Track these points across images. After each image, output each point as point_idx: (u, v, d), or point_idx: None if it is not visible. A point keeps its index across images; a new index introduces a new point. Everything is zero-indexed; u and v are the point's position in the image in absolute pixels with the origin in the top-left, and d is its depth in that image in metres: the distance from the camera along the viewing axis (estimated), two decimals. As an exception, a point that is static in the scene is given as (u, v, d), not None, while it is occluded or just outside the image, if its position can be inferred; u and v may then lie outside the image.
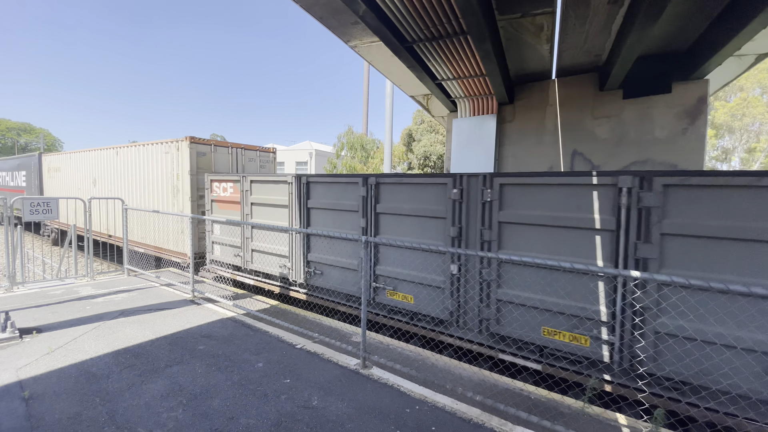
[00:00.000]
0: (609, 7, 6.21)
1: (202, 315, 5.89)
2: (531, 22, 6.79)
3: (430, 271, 5.28)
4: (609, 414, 3.60)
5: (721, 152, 31.82)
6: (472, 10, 5.53)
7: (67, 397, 3.58)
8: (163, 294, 6.98)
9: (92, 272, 7.95)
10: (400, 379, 4.08)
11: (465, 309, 5.04)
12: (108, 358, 4.36)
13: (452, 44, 7.47)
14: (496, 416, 3.45)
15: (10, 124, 59.79)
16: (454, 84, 9.77)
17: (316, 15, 7.51)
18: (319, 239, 6.67)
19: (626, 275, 2.93)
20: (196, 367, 4.20)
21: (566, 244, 4.31)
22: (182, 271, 9.05)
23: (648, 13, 5.35)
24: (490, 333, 4.84)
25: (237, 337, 5.10)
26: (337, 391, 3.82)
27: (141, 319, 5.65)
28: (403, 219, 5.61)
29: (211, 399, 3.60)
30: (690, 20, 6.70)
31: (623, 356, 3.96)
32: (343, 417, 3.38)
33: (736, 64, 8.64)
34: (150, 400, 3.56)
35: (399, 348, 4.98)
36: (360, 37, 8.59)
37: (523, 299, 4.52)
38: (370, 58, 10.11)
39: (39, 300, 6.38)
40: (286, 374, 4.12)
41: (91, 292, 6.97)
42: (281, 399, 3.64)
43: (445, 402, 3.66)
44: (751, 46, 7.35)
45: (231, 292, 7.40)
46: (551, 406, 3.67)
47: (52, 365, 4.16)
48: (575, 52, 8.03)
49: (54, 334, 5.02)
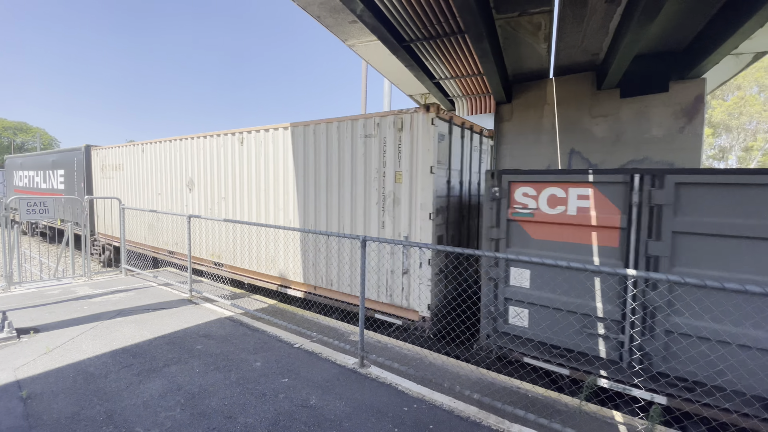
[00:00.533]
0: (606, 6, 6.22)
1: (200, 314, 5.89)
2: (529, 21, 6.79)
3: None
4: (605, 411, 3.62)
5: (718, 151, 31.92)
6: (470, 9, 5.52)
7: (65, 396, 3.58)
8: (160, 293, 6.97)
9: (90, 272, 7.93)
10: (398, 377, 4.10)
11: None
12: (106, 358, 4.36)
13: (450, 43, 7.47)
14: (494, 414, 3.46)
15: (6, 123, 59.46)
16: (451, 83, 9.78)
17: (314, 14, 7.49)
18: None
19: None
20: (194, 367, 4.20)
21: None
22: (180, 271, 9.03)
23: (645, 11, 5.36)
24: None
25: (235, 336, 5.10)
26: (335, 390, 3.83)
27: (139, 318, 5.65)
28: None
29: (209, 398, 3.60)
30: (687, 19, 6.72)
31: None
32: (341, 416, 3.39)
33: (733, 63, 8.66)
34: (148, 399, 3.57)
35: (397, 347, 4.99)
36: (358, 36, 8.58)
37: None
38: (368, 57, 10.10)
39: (36, 300, 6.37)
40: (284, 373, 4.12)
41: (89, 291, 6.96)
42: (279, 398, 3.64)
43: (443, 400, 3.67)
44: (749, 44, 7.36)
45: (229, 292, 7.39)
46: (548, 404, 3.69)
47: (49, 365, 4.16)
48: (573, 51, 8.03)
49: (51, 334, 5.01)
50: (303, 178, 6.96)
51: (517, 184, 4.68)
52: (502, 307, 4.75)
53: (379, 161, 5.98)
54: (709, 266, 3.65)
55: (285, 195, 7.30)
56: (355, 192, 6.28)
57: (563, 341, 4.33)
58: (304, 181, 6.96)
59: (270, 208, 7.59)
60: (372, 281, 6.09)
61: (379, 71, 11.11)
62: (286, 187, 7.27)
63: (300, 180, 7.02)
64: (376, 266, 6.04)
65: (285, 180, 7.27)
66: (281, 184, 7.34)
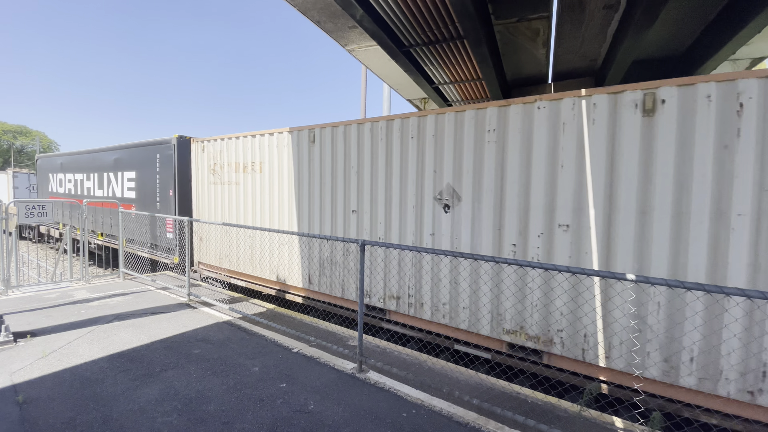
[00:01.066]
0: (604, 12, 6.26)
1: (198, 319, 5.87)
2: (527, 27, 6.84)
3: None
4: (606, 417, 3.60)
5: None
6: (469, 15, 5.56)
7: (61, 401, 3.55)
8: (158, 297, 6.94)
9: (87, 276, 7.90)
10: (396, 382, 4.07)
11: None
12: (103, 363, 4.33)
13: (449, 48, 7.51)
14: (493, 420, 3.44)
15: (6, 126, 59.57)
16: (451, 88, 9.82)
17: (314, 19, 7.53)
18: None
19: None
20: (192, 372, 4.17)
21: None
22: (178, 275, 9.01)
23: (643, 18, 5.40)
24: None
25: (233, 340, 5.07)
26: (333, 395, 3.80)
27: (136, 322, 5.62)
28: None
29: (206, 404, 3.58)
30: (685, 25, 6.77)
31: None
32: (340, 421, 3.37)
33: (730, 69, 8.71)
34: (145, 404, 3.54)
35: (396, 351, 4.96)
36: (357, 41, 8.62)
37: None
38: (368, 62, 10.15)
39: (34, 304, 6.34)
40: (282, 378, 4.10)
41: (86, 295, 6.93)
42: (277, 403, 3.62)
43: (442, 406, 3.65)
44: (746, 50, 7.43)
45: (227, 296, 7.37)
46: (547, 410, 3.67)
47: (46, 369, 4.13)
48: (571, 56, 8.08)
49: (48, 338, 4.98)
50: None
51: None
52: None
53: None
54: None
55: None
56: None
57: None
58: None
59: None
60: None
61: (378, 76, 11.16)
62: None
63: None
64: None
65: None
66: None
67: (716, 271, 3.56)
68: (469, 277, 4.93)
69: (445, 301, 5.17)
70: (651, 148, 3.82)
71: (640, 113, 3.87)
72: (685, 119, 3.67)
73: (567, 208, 4.27)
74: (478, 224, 4.95)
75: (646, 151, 3.84)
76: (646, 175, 3.85)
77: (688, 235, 3.66)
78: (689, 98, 3.66)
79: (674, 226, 3.73)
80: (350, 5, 6.05)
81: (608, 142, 4.04)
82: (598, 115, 4.08)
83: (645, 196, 3.86)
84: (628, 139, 3.93)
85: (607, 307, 4.01)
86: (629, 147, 3.93)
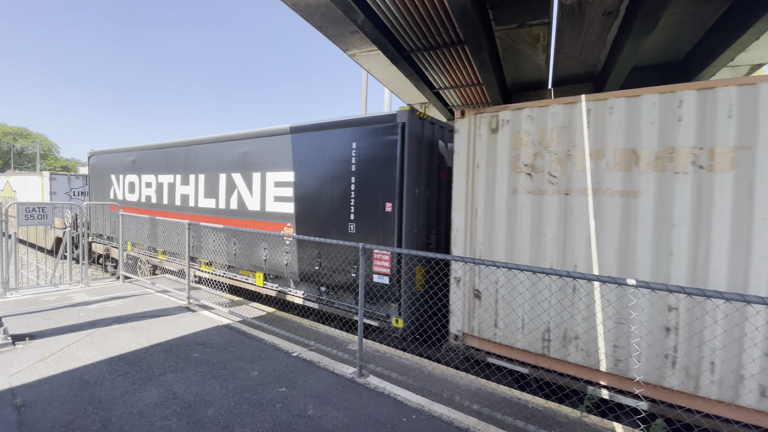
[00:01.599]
0: (604, 18, 6.30)
1: (198, 322, 5.85)
2: (527, 33, 6.88)
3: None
4: (606, 423, 3.58)
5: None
6: (469, 21, 5.60)
7: (59, 404, 3.53)
8: (158, 301, 6.93)
9: (87, 278, 7.89)
10: (396, 387, 4.06)
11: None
12: (102, 366, 4.31)
13: (450, 53, 7.55)
14: (493, 425, 3.43)
15: (6, 128, 59.61)
16: (451, 93, 9.85)
17: (316, 24, 7.57)
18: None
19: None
20: (191, 375, 4.16)
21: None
22: (177, 278, 8.99)
23: (643, 24, 5.44)
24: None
25: (232, 344, 5.06)
26: (333, 400, 3.79)
27: (135, 326, 5.60)
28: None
29: (205, 407, 3.56)
30: (684, 31, 6.81)
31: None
32: (339, 426, 3.35)
33: (729, 75, 8.75)
34: (144, 408, 3.52)
35: (396, 356, 4.95)
36: (358, 46, 8.66)
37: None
38: (369, 67, 10.19)
39: (32, 306, 6.32)
40: (282, 383, 4.08)
41: (86, 298, 6.92)
42: (276, 408, 3.60)
43: (442, 411, 3.64)
44: (745, 56, 7.46)
45: (227, 299, 7.35)
46: (548, 415, 3.65)
47: (44, 372, 4.11)
48: (571, 62, 8.12)
49: (47, 340, 4.96)
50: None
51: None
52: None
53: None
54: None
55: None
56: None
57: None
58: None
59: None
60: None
61: (379, 80, 11.20)
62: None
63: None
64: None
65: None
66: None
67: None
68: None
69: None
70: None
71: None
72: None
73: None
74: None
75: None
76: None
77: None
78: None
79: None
80: (352, 11, 6.08)
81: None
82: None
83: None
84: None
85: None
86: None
